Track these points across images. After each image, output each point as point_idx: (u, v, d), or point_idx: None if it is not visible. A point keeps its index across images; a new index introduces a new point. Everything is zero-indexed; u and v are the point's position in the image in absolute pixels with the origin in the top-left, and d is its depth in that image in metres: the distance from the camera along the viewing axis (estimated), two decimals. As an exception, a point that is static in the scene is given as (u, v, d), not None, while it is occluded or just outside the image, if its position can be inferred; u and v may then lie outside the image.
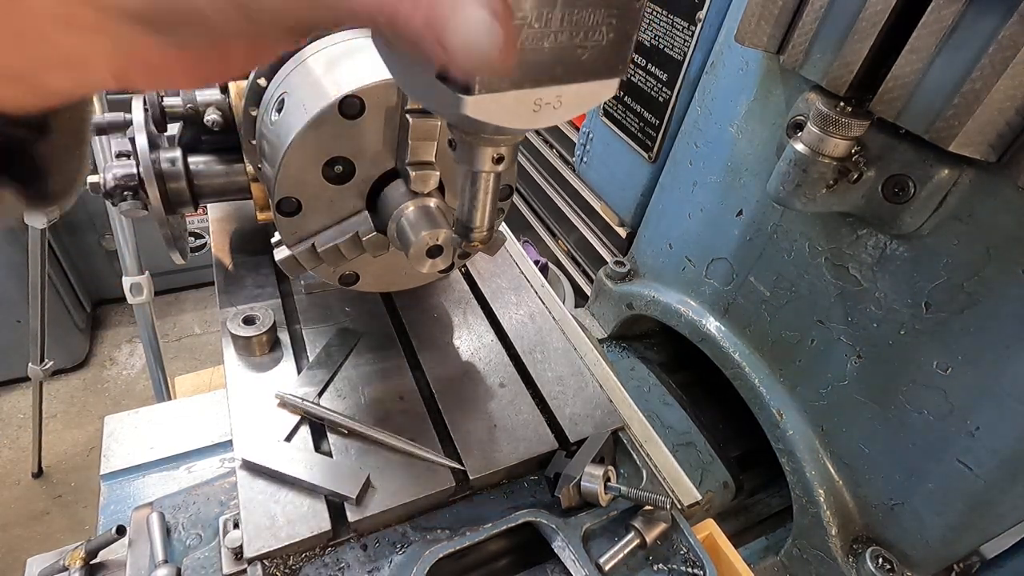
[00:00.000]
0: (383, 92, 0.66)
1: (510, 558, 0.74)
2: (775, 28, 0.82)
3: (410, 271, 0.85)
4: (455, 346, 0.91)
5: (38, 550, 0.88)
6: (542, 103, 0.40)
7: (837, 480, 0.96)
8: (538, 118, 0.41)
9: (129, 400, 2.81)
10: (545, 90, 0.40)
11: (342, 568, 0.66)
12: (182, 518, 0.74)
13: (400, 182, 0.70)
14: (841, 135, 0.72)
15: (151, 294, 1.93)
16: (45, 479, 2.49)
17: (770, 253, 0.99)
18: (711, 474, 1.16)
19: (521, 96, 0.39)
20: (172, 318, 3.22)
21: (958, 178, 0.71)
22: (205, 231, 2.95)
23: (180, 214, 0.92)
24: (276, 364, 0.84)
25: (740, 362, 1.08)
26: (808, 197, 0.77)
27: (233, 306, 0.90)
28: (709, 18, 1.06)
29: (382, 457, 0.74)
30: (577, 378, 0.88)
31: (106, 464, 0.99)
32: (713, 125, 1.06)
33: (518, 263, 1.09)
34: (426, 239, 0.63)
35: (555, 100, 0.40)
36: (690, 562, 0.70)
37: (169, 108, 0.84)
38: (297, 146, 0.66)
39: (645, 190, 1.33)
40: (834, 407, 0.94)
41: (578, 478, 0.72)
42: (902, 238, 0.79)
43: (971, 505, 0.80)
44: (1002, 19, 0.59)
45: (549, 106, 0.40)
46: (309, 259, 0.73)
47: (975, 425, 0.76)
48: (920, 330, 0.80)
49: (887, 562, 0.89)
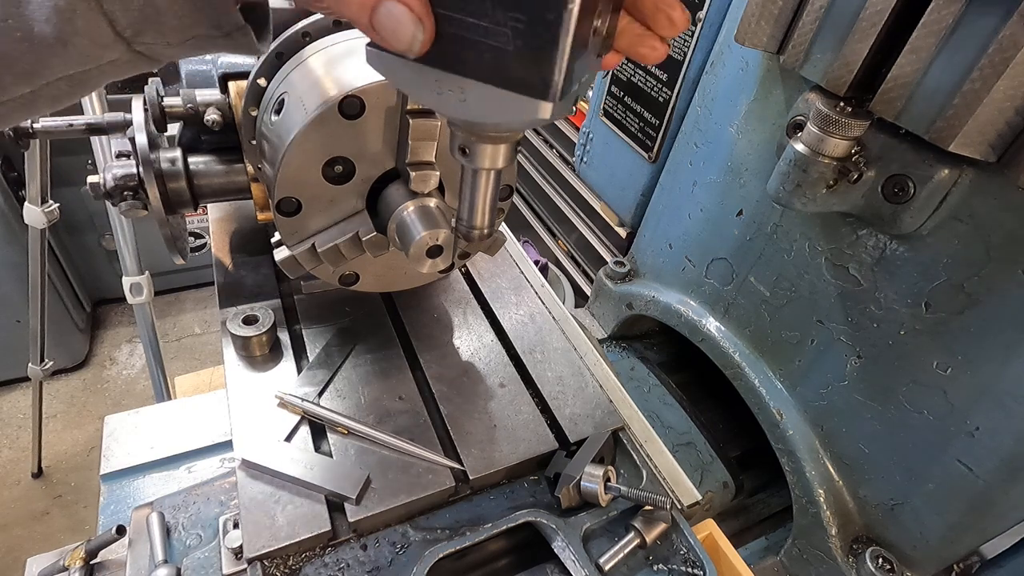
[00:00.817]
0: (383, 92, 0.66)
1: (510, 558, 0.74)
2: (775, 28, 0.82)
3: (410, 271, 0.85)
4: (455, 346, 0.91)
5: (38, 550, 0.88)
6: (443, 88, 0.41)
7: (837, 480, 0.96)
8: (442, 101, 0.41)
9: (129, 400, 2.81)
10: (447, 76, 0.40)
11: (342, 568, 0.66)
12: (182, 518, 0.74)
13: (400, 182, 0.70)
14: (841, 135, 0.72)
15: (151, 294, 1.93)
16: (45, 479, 2.49)
17: (770, 253, 0.99)
18: (711, 474, 1.16)
19: (424, 72, 0.40)
20: (172, 318, 3.22)
21: (958, 178, 0.71)
22: (205, 231, 2.95)
23: (180, 214, 0.92)
24: (276, 364, 0.84)
25: (740, 362, 1.08)
26: (808, 197, 0.77)
27: (233, 306, 0.90)
28: (709, 18, 1.06)
29: (382, 457, 0.74)
30: (577, 378, 0.88)
31: (106, 464, 0.99)
32: (713, 125, 1.06)
33: (518, 263, 1.09)
34: (426, 239, 0.63)
35: (458, 91, 0.40)
36: (690, 562, 0.70)
37: (169, 108, 0.84)
38: (297, 146, 0.66)
39: (645, 190, 1.33)
40: (834, 407, 0.94)
41: (578, 478, 0.72)
42: (902, 238, 0.79)
43: (971, 505, 0.80)
44: (1002, 19, 0.59)
45: (451, 95, 0.41)
46: (309, 259, 0.73)
47: (975, 425, 0.76)
48: (920, 330, 0.80)
49: (887, 562, 0.89)
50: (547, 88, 0.38)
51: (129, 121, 0.84)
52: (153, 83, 0.86)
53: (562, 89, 0.38)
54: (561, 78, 0.37)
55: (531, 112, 0.39)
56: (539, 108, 0.38)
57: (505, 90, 0.39)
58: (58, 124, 0.90)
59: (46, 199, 1.84)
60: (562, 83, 0.38)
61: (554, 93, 0.38)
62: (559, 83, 0.37)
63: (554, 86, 0.38)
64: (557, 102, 0.38)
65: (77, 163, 2.44)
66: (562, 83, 0.38)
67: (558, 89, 0.38)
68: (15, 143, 0.86)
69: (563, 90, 0.38)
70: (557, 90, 0.38)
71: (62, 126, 0.90)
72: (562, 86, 0.38)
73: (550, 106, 0.38)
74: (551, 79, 0.37)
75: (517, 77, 0.38)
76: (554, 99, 0.38)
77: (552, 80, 0.37)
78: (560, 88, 0.38)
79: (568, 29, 0.35)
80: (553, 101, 0.38)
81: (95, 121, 0.90)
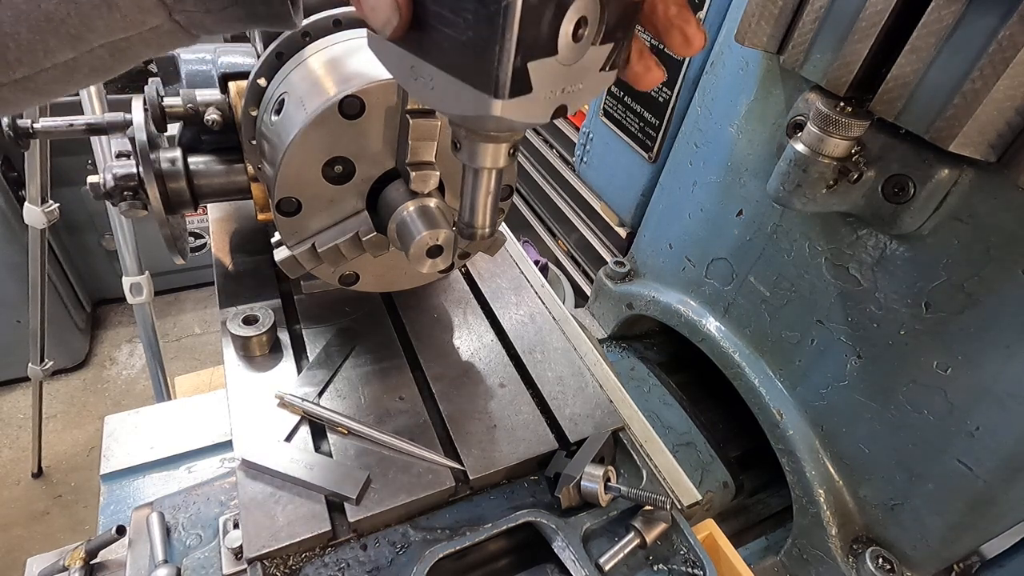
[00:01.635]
0: (383, 92, 0.66)
1: (510, 558, 0.74)
2: (775, 28, 0.82)
3: (410, 271, 0.85)
4: (455, 346, 0.91)
5: (38, 550, 0.88)
6: (417, 74, 0.42)
7: (837, 480, 0.96)
8: (417, 88, 0.42)
9: (129, 400, 2.81)
10: (419, 62, 0.41)
11: (342, 568, 0.66)
12: (182, 518, 0.74)
13: (400, 182, 0.70)
14: (841, 135, 0.72)
15: (151, 294, 1.93)
16: (45, 479, 2.49)
17: (770, 253, 0.99)
18: (711, 474, 1.16)
19: (405, 57, 0.42)
20: (172, 318, 3.22)
21: (958, 178, 0.71)
22: (205, 231, 2.95)
23: (180, 214, 0.91)
24: (276, 364, 0.84)
25: (740, 362, 1.08)
26: (808, 197, 0.77)
27: (233, 306, 0.90)
28: (709, 18, 1.06)
29: (382, 457, 0.74)
30: (577, 378, 0.88)
31: (106, 464, 0.99)
32: (713, 125, 1.06)
33: (518, 263, 1.09)
34: (426, 239, 0.63)
35: (428, 78, 0.41)
36: (690, 562, 0.70)
37: (169, 108, 0.84)
38: (297, 146, 0.66)
39: (645, 190, 1.33)
40: (834, 407, 0.94)
41: (578, 478, 0.72)
42: (902, 238, 0.79)
43: (971, 505, 0.80)
44: (1002, 19, 0.59)
45: (423, 81, 0.42)
46: (309, 259, 0.73)
47: (975, 425, 0.76)
48: (920, 330, 0.80)
49: (887, 562, 0.89)
50: (491, 83, 0.37)
51: (129, 121, 0.84)
52: (153, 83, 0.86)
53: (511, 88, 0.37)
54: (507, 76, 0.37)
55: (481, 107, 0.39)
56: (489, 104, 0.38)
57: (461, 81, 0.39)
58: (58, 124, 0.90)
59: (46, 199, 1.84)
60: (510, 82, 0.37)
61: (501, 90, 0.37)
62: (506, 81, 0.37)
63: (500, 83, 0.37)
64: (507, 99, 0.38)
65: (77, 163, 2.44)
66: (510, 82, 0.37)
67: (506, 87, 0.37)
68: (15, 143, 0.86)
69: (514, 89, 0.38)
70: (505, 88, 0.37)
71: (62, 126, 0.90)
72: (511, 85, 0.37)
73: (499, 103, 0.38)
74: (495, 74, 0.37)
75: (470, 69, 0.38)
76: (502, 96, 0.38)
77: (496, 76, 0.37)
78: (508, 87, 0.37)
79: (510, 24, 0.35)
80: (501, 98, 0.38)
81: (95, 121, 0.90)
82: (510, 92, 0.38)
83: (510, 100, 0.38)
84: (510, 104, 0.38)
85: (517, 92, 0.38)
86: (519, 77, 0.37)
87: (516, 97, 0.38)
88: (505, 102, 0.38)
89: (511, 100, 0.38)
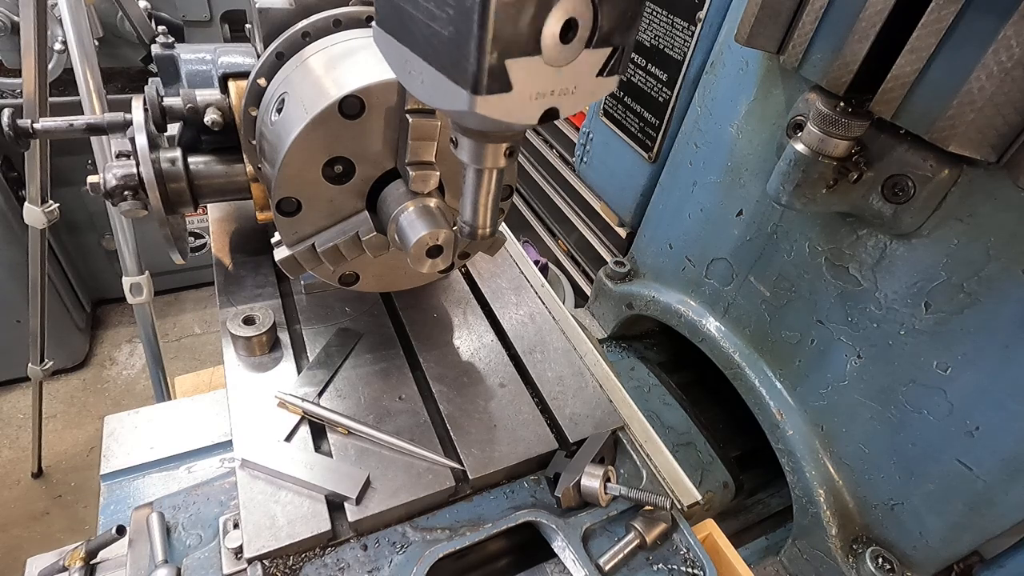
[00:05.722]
0: (383, 92, 0.66)
1: (510, 558, 0.74)
2: (775, 28, 0.82)
3: (410, 271, 0.85)
4: (455, 346, 0.91)
5: (38, 550, 0.88)
6: (410, 68, 0.43)
7: (837, 480, 0.96)
8: (409, 81, 0.44)
9: (129, 400, 2.80)
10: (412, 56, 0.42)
11: (342, 568, 0.66)
12: (182, 518, 0.74)
13: (400, 182, 0.70)
14: (841, 135, 0.72)
15: (151, 294, 1.93)
16: (45, 479, 2.49)
17: (770, 253, 0.99)
18: (711, 474, 1.16)
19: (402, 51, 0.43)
20: (172, 318, 3.22)
21: (958, 178, 0.71)
22: (205, 231, 2.95)
23: (180, 214, 0.92)
24: (276, 364, 0.84)
25: (740, 362, 1.08)
26: (808, 197, 0.77)
27: (233, 306, 0.90)
28: (709, 18, 1.06)
29: (382, 457, 0.74)
30: (577, 378, 0.88)
31: (106, 464, 0.99)
32: (713, 125, 1.06)
33: (518, 263, 1.09)
34: (426, 239, 0.63)
35: (418, 72, 0.42)
36: (690, 562, 0.70)
37: (169, 108, 0.84)
38: (297, 146, 0.66)
39: (645, 190, 1.33)
40: (834, 407, 0.94)
41: (578, 478, 0.72)
42: (902, 238, 0.79)
43: (971, 505, 0.80)
44: (1002, 19, 0.59)
45: (414, 75, 0.43)
46: (309, 259, 0.73)
47: (975, 425, 0.76)
48: (920, 330, 0.80)
49: (887, 562, 0.89)
50: (468, 79, 0.37)
51: (129, 121, 0.84)
52: (153, 83, 0.86)
53: (488, 85, 0.37)
54: (484, 71, 0.37)
55: (460, 102, 0.38)
56: (466, 99, 0.38)
57: (445, 76, 0.39)
58: (58, 124, 0.90)
59: (46, 199, 1.84)
60: (487, 78, 0.37)
61: (478, 86, 0.37)
62: (482, 76, 0.37)
63: (477, 78, 0.37)
64: (484, 95, 0.38)
65: (77, 163, 2.44)
66: (487, 78, 0.37)
67: (482, 83, 0.37)
68: (15, 143, 0.86)
69: (491, 86, 0.37)
70: (482, 84, 0.37)
71: (62, 126, 0.90)
72: (487, 81, 0.37)
73: (477, 99, 0.38)
74: (472, 69, 0.37)
75: (452, 65, 0.39)
76: (480, 92, 0.37)
77: (473, 71, 0.37)
78: (485, 83, 0.37)
79: (486, 19, 0.35)
80: (479, 94, 0.37)
81: (95, 121, 0.90)
82: (487, 88, 0.37)
83: (489, 97, 0.38)
84: (489, 101, 0.38)
85: (496, 89, 0.38)
86: (496, 74, 0.37)
87: (495, 94, 0.38)
88: (483, 98, 0.38)
89: (490, 97, 0.38)
